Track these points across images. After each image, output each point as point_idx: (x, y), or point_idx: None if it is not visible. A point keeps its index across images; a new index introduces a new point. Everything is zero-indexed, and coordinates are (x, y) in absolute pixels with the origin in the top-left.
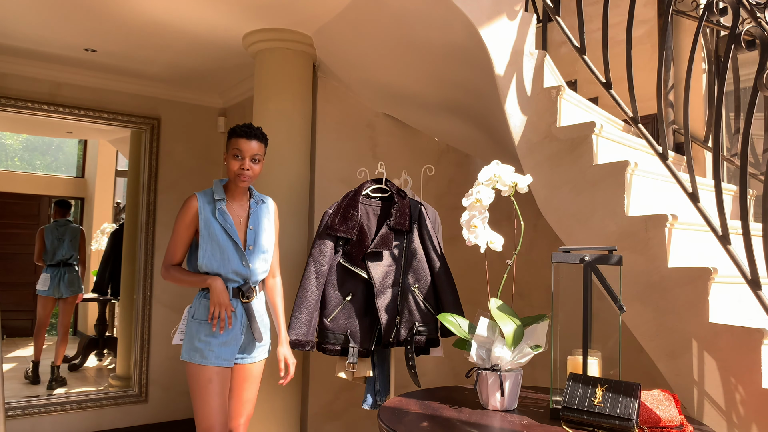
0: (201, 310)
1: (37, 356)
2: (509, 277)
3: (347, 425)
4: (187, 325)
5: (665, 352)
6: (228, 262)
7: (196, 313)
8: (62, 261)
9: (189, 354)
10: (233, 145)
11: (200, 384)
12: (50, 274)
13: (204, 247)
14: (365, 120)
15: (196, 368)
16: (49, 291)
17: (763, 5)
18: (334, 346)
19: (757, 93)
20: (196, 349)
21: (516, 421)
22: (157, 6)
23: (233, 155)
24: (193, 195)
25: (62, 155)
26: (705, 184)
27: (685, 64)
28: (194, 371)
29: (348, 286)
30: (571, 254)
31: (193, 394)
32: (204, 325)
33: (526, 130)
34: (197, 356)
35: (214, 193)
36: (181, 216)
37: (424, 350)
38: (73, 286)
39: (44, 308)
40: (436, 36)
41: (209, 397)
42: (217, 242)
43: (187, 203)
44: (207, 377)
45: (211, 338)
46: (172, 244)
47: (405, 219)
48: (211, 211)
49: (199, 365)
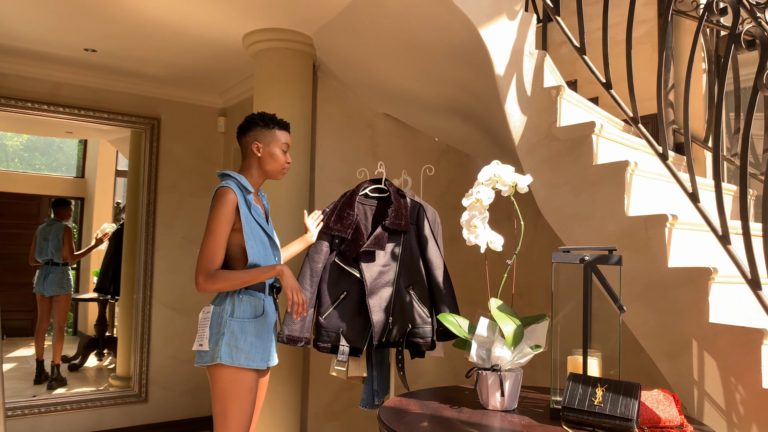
0: (242, 306)
1: (39, 355)
2: (509, 277)
3: (347, 425)
4: (224, 326)
5: (665, 352)
6: (271, 258)
7: (236, 311)
8: (49, 260)
9: (232, 356)
10: (280, 138)
11: (241, 391)
12: (39, 272)
13: (250, 244)
14: (365, 120)
15: (234, 372)
16: (37, 288)
17: (763, 5)
18: (325, 343)
19: (757, 93)
20: (240, 351)
21: (516, 421)
22: (157, 6)
23: (282, 150)
24: (226, 187)
25: (62, 155)
26: (705, 184)
27: (685, 64)
28: (232, 376)
29: (342, 285)
30: (571, 254)
31: (225, 400)
32: (249, 324)
33: (526, 130)
34: (242, 358)
35: (244, 185)
36: (222, 211)
37: (420, 353)
38: (56, 285)
39: (40, 306)
40: (436, 36)
41: (248, 407)
42: (259, 237)
43: (225, 196)
44: (249, 385)
45: (256, 338)
46: (212, 244)
47: (401, 219)
48: (245, 204)
49: (240, 369)
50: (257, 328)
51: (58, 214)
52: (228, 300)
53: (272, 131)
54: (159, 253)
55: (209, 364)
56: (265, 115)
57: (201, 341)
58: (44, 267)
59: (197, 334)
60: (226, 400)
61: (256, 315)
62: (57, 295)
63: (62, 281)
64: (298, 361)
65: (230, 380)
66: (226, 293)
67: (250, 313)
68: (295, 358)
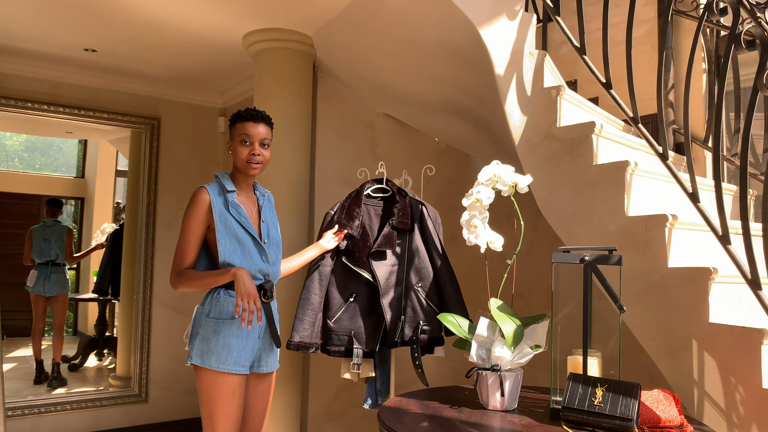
0: (219, 306)
1: (37, 355)
2: (509, 277)
3: (347, 425)
4: (200, 326)
5: (665, 352)
6: (250, 258)
7: (212, 310)
8: (50, 261)
9: (202, 357)
10: (239, 130)
11: (222, 395)
12: (38, 273)
13: (223, 243)
14: (365, 120)
15: (214, 375)
16: (35, 288)
17: (763, 5)
18: (338, 347)
19: (757, 93)
20: (211, 352)
21: (516, 421)
22: (157, 6)
23: (241, 141)
24: (201, 187)
25: (62, 155)
26: (705, 184)
27: (685, 64)
28: (212, 379)
29: (351, 287)
30: (571, 254)
31: (209, 403)
32: (223, 324)
33: (526, 130)
34: (213, 360)
35: (224, 184)
36: (192, 211)
37: (429, 349)
38: (58, 285)
39: (36, 306)
40: (436, 36)
41: (231, 411)
42: (236, 237)
43: (197, 196)
44: (230, 389)
45: (231, 339)
46: (183, 244)
47: (407, 218)
48: (223, 203)
49: (217, 372)
50: (235, 330)
51: (52, 215)
52: (208, 299)
53: (234, 125)
54: (159, 253)
55: (191, 364)
56: (239, 110)
57: (186, 339)
58: (44, 267)
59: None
60: (209, 403)
61: (233, 316)
62: (56, 296)
63: (63, 282)
64: (298, 362)
65: (206, 382)
66: (209, 293)
67: (227, 313)
68: (295, 358)
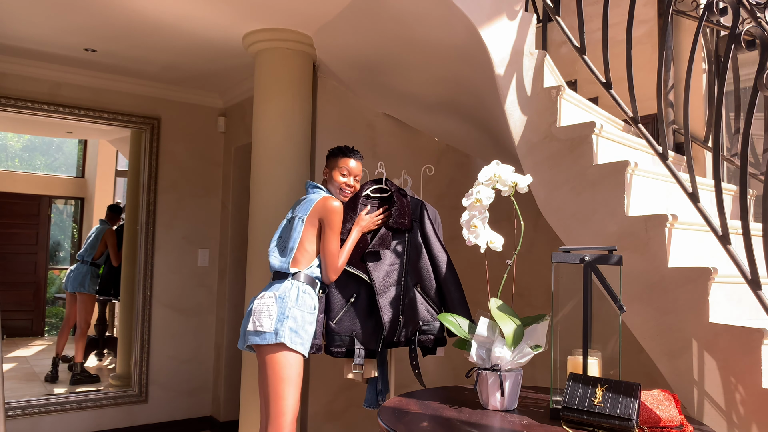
0: (305, 299)
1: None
2: (509, 277)
3: (347, 425)
4: (289, 313)
5: (665, 352)
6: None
7: (298, 301)
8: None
9: (292, 341)
10: (342, 164)
11: (297, 373)
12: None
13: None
14: (365, 120)
15: (296, 357)
16: (85, 289)
17: (763, 5)
18: (339, 348)
19: (757, 93)
20: (300, 338)
21: (516, 421)
22: (157, 6)
23: (341, 173)
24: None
25: (62, 155)
26: (705, 184)
27: (685, 64)
28: (295, 360)
29: (351, 288)
30: (571, 254)
31: (286, 381)
32: (308, 315)
33: (526, 130)
34: (298, 344)
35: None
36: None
37: (431, 350)
38: (85, 284)
39: (71, 305)
40: (436, 36)
41: (298, 391)
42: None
43: (339, 207)
44: (301, 369)
45: (310, 328)
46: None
47: (405, 218)
48: None
49: (298, 354)
50: (312, 320)
51: (108, 218)
52: (294, 291)
53: (337, 158)
54: (159, 253)
55: (270, 343)
56: (342, 146)
57: (261, 323)
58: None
59: (253, 317)
60: (285, 381)
61: (314, 309)
62: (87, 294)
63: (88, 281)
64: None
65: (287, 362)
66: (292, 287)
67: (309, 307)
68: None
